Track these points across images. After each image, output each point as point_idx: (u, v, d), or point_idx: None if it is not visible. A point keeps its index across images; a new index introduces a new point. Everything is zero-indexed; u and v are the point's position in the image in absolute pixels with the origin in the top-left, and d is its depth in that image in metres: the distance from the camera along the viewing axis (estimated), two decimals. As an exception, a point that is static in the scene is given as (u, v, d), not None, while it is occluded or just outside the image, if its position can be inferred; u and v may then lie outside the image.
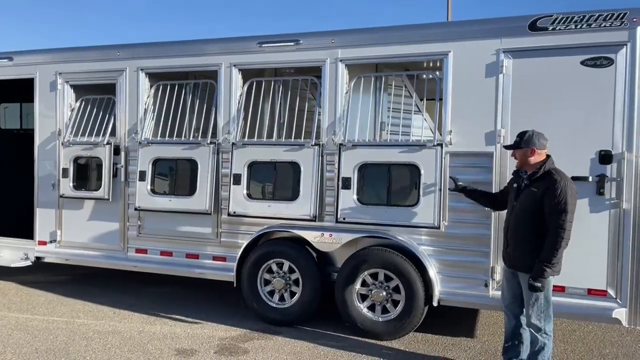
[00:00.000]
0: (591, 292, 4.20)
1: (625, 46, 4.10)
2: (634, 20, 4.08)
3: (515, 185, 3.83)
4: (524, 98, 4.36)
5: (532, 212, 3.60)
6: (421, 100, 5.13)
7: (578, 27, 4.21)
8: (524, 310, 3.77)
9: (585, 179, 4.15)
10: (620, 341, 4.88)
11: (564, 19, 4.24)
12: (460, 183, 4.37)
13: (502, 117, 4.41)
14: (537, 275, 3.52)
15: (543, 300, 3.64)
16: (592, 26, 4.18)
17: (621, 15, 4.11)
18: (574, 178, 4.18)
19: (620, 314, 4.13)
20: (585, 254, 4.18)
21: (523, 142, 3.72)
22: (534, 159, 3.70)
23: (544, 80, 4.31)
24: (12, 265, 6.27)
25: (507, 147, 4.00)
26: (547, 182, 3.55)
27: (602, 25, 4.16)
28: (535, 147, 3.69)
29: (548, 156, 3.72)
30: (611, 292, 4.16)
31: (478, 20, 4.67)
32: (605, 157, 4.13)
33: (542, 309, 3.64)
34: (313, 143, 4.96)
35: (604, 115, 4.14)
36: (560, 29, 4.26)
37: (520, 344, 3.91)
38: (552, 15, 4.29)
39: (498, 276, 4.40)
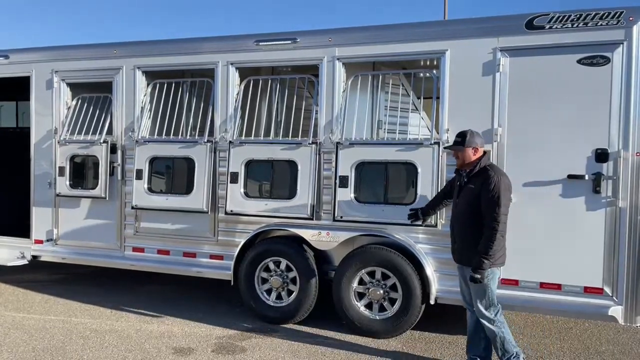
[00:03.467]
0: (587, 290, 4.22)
1: (621, 45, 4.10)
2: (631, 19, 4.09)
3: (457, 183, 3.98)
4: (520, 96, 4.37)
5: (472, 208, 3.74)
6: (418, 98, 5.14)
7: (575, 25, 4.22)
8: (473, 302, 3.87)
9: (581, 177, 4.17)
10: (616, 339, 4.91)
11: (561, 17, 4.25)
12: (419, 213, 4.41)
13: (499, 115, 4.42)
14: (477, 267, 3.65)
15: (489, 292, 3.76)
16: (588, 25, 4.19)
17: (618, 14, 4.12)
18: (570, 176, 4.22)
19: (617, 311, 4.14)
20: (581, 252, 4.20)
21: (466, 142, 3.83)
22: (475, 157, 3.84)
23: (540, 79, 4.32)
24: (9, 264, 6.25)
25: (449, 148, 4.08)
26: (483, 178, 3.71)
27: (599, 23, 4.17)
28: (477, 145, 3.84)
29: (484, 152, 3.90)
30: (607, 290, 4.18)
31: (475, 19, 4.67)
32: (601, 156, 4.14)
33: (489, 300, 3.77)
34: (310, 141, 4.96)
35: (600, 113, 4.15)
36: (556, 28, 4.26)
37: (482, 339, 3.99)
38: (548, 14, 4.29)
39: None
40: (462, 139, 3.87)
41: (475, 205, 3.73)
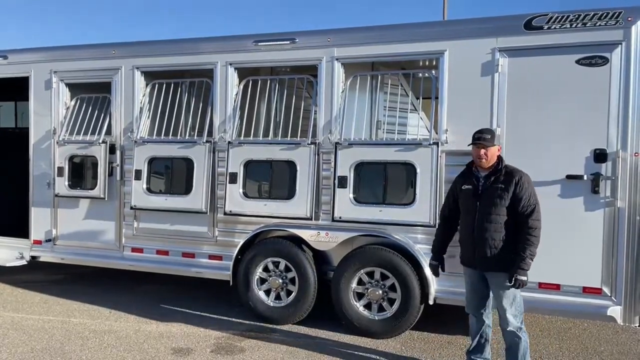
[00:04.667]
0: (586, 290, 4.22)
1: (620, 45, 4.11)
2: (629, 19, 4.10)
3: (468, 187, 3.72)
4: (519, 97, 4.37)
5: (503, 210, 3.57)
6: (417, 99, 5.14)
7: (573, 26, 4.22)
8: (500, 312, 3.68)
9: (580, 177, 4.17)
10: (615, 339, 4.91)
11: (559, 18, 4.25)
12: (435, 263, 4.04)
13: (498, 115, 4.42)
14: (523, 269, 3.49)
15: (519, 298, 3.65)
16: (587, 25, 4.19)
17: (616, 15, 4.12)
18: (569, 176, 4.22)
19: (615, 311, 4.15)
20: (580, 252, 4.20)
21: (496, 139, 3.69)
22: (496, 156, 3.71)
23: (539, 79, 4.32)
24: (7, 265, 6.25)
25: (479, 144, 3.66)
26: (512, 178, 3.57)
27: (597, 24, 4.17)
28: (499, 144, 3.77)
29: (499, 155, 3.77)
30: (606, 290, 4.18)
31: (474, 19, 4.68)
32: (600, 156, 4.14)
33: (518, 307, 3.65)
34: (309, 142, 4.96)
35: (599, 114, 4.15)
36: (555, 28, 4.27)
37: (486, 342, 3.91)
38: (547, 14, 4.30)
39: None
40: (491, 135, 3.67)
41: (503, 208, 3.56)
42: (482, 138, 3.65)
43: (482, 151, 3.65)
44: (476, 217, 3.65)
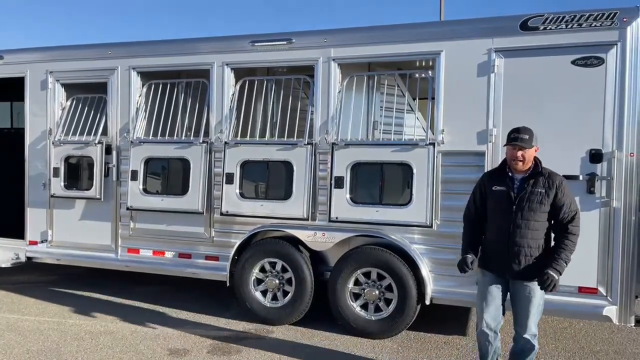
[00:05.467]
0: (582, 290, 4.23)
1: (615, 46, 4.12)
2: (624, 20, 4.11)
3: (499, 188, 3.43)
4: (515, 97, 4.38)
5: (544, 216, 3.35)
6: (414, 99, 5.15)
7: (569, 26, 4.23)
8: (521, 318, 3.46)
9: (575, 177, 4.18)
10: (610, 338, 4.92)
11: (555, 18, 4.27)
12: (471, 256, 3.60)
13: (494, 116, 4.43)
14: (557, 269, 3.28)
15: (543, 304, 3.51)
16: (582, 26, 4.21)
17: (611, 15, 4.14)
18: (565, 177, 4.21)
19: (611, 311, 4.16)
20: (575, 252, 4.18)
21: (534, 140, 3.39)
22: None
23: (535, 80, 4.33)
24: (3, 266, 6.22)
25: (517, 145, 3.36)
26: (552, 182, 3.34)
27: (593, 25, 4.18)
28: (537, 145, 3.45)
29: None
30: (602, 290, 4.19)
31: (470, 20, 4.69)
32: (595, 156, 4.15)
33: (540, 314, 3.50)
34: (306, 142, 4.95)
35: (595, 114, 4.17)
36: (551, 29, 4.28)
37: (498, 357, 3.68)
38: (543, 15, 4.31)
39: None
40: (529, 136, 3.36)
41: (544, 214, 3.34)
42: (519, 139, 3.34)
43: (520, 153, 3.35)
44: (513, 223, 3.37)
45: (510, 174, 3.45)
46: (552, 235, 3.45)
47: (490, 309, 3.50)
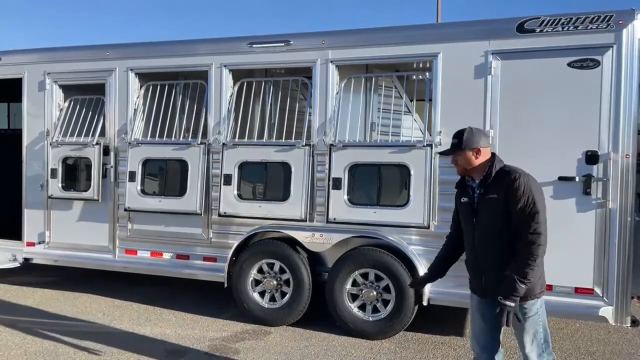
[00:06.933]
0: (578, 291, 4.26)
1: (611, 48, 4.15)
2: (620, 22, 4.14)
3: (465, 199, 3.03)
4: (512, 99, 4.41)
5: (501, 224, 2.83)
6: (411, 101, 5.17)
7: (565, 29, 4.26)
8: (521, 350, 2.95)
9: (572, 179, 4.21)
10: (607, 339, 4.95)
11: (551, 21, 4.30)
12: (424, 276, 3.54)
13: (491, 117, 4.45)
14: (509, 293, 2.72)
15: (542, 330, 2.89)
16: (578, 28, 4.24)
17: (607, 18, 4.17)
18: (561, 178, 4.26)
19: (607, 312, 4.18)
20: (572, 253, 4.23)
21: (464, 143, 2.94)
22: (480, 160, 2.95)
23: (531, 82, 4.36)
24: (0, 267, 6.21)
25: (444, 153, 3.14)
26: (505, 183, 2.82)
27: (589, 27, 4.21)
28: (480, 145, 2.95)
29: (493, 154, 3.01)
30: (598, 290, 4.22)
31: (467, 22, 4.72)
32: (591, 158, 4.18)
33: (542, 343, 2.89)
34: (304, 143, 4.97)
35: (591, 116, 4.20)
36: (547, 31, 4.31)
37: None
38: (539, 18, 4.34)
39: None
40: (458, 139, 2.98)
41: (502, 221, 2.82)
42: (451, 144, 3.02)
43: (452, 159, 3.02)
44: (475, 237, 2.98)
45: (469, 182, 3.02)
46: None
47: (480, 335, 3.09)
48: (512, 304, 2.73)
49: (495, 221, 2.86)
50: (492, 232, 2.88)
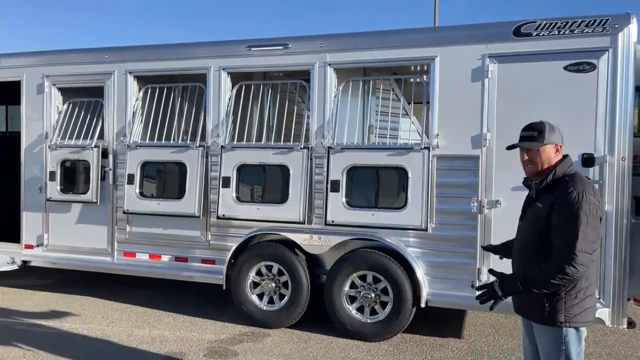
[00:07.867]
0: (575, 292, 4.27)
1: (607, 52, 4.18)
2: (616, 26, 4.17)
3: (528, 197, 2.72)
4: (508, 102, 4.43)
5: (537, 238, 2.48)
6: (409, 103, 5.19)
7: (561, 32, 4.29)
8: None
9: (568, 181, 4.23)
10: (603, 340, 4.97)
11: (548, 24, 4.33)
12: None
13: (488, 120, 4.48)
14: (505, 284, 2.48)
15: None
16: (575, 32, 4.27)
17: (603, 22, 4.20)
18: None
19: (604, 313, 4.20)
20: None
21: (546, 137, 2.52)
22: (558, 159, 2.55)
23: (528, 85, 4.38)
24: (-1, 269, 6.22)
25: (517, 146, 2.65)
26: (557, 193, 2.44)
27: (585, 31, 4.25)
28: (561, 142, 2.57)
29: (565, 156, 2.58)
30: (594, 292, 4.23)
31: (464, 26, 4.76)
32: (587, 160, 4.20)
33: None
34: (302, 146, 4.99)
35: (587, 119, 4.22)
36: (544, 35, 4.34)
37: None
38: (535, 21, 4.37)
39: (484, 277, 4.46)
40: (539, 132, 2.53)
41: (543, 234, 2.45)
42: (527, 137, 2.59)
43: (525, 157, 2.60)
44: (515, 244, 2.69)
45: (531, 181, 2.66)
46: None
47: (526, 355, 2.83)
48: (500, 294, 2.47)
49: (531, 233, 2.53)
50: (527, 243, 2.56)
